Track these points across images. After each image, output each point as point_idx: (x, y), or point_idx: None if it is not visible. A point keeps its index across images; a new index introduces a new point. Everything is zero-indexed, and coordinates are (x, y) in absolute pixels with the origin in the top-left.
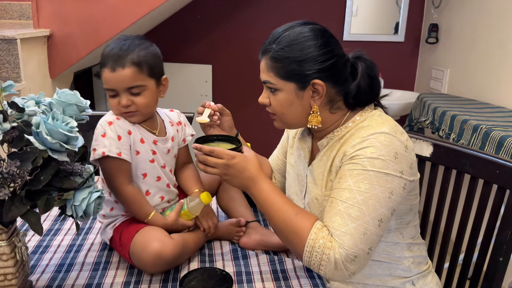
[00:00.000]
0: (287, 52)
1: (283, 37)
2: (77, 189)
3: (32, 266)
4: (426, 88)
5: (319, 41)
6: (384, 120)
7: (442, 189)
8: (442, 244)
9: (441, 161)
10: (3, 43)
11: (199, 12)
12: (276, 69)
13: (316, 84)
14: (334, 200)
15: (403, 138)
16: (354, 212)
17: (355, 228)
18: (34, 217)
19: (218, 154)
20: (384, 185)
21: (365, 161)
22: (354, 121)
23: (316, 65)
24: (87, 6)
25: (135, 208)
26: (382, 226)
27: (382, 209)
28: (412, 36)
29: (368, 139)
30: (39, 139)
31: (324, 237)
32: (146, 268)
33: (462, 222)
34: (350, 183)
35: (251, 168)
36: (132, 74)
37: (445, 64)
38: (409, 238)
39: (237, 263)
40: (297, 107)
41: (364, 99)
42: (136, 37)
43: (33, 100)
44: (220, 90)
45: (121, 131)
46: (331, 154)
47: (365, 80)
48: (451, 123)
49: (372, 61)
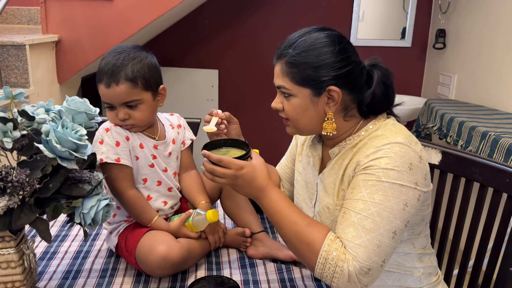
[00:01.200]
0: (304, 57)
1: (299, 42)
2: (86, 196)
3: (39, 272)
4: (433, 94)
5: (336, 47)
6: (398, 129)
7: (451, 197)
8: (451, 253)
9: (450, 169)
10: (12, 48)
11: (206, 17)
12: (291, 74)
13: (332, 90)
14: (347, 211)
15: (417, 149)
16: (368, 224)
17: (369, 241)
18: (43, 224)
19: (226, 164)
20: (398, 197)
21: (379, 172)
22: (367, 130)
23: (332, 71)
24: (96, 12)
25: (138, 213)
26: (396, 238)
27: (396, 221)
28: (419, 41)
29: (383, 149)
30: (49, 147)
31: (337, 249)
32: (153, 272)
33: (471, 231)
34: (364, 194)
35: (259, 178)
36: (126, 90)
37: (453, 70)
38: (420, 248)
39: (244, 271)
40: (312, 113)
41: (378, 108)
42: (131, 49)
43: (43, 108)
44: (227, 95)
45: (119, 137)
46: (343, 162)
47: (380, 88)
48: (459, 130)
49: (388, 69)
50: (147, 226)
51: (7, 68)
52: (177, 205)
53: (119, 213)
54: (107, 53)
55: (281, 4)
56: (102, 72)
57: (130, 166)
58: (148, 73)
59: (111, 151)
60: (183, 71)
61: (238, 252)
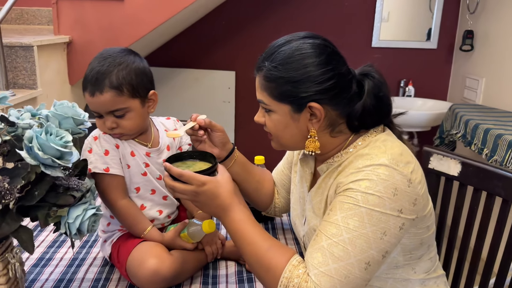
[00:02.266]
0: (281, 71)
1: (277, 54)
2: (72, 205)
3: (31, 280)
4: (459, 98)
5: (317, 59)
6: (387, 148)
7: (470, 212)
8: (469, 272)
9: (470, 182)
10: (20, 50)
11: (223, 18)
12: (269, 89)
13: (313, 107)
14: (320, 234)
15: (406, 171)
16: (337, 251)
17: (336, 270)
18: (26, 234)
19: (187, 179)
20: (376, 225)
21: (358, 196)
22: (356, 146)
23: (314, 86)
24: (107, 13)
25: (130, 223)
26: (369, 269)
27: (371, 251)
28: (445, 43)
29: (364, 171)
30: (32, 154)
31: (299, 276)
32: (143, 286)
33: (491, 250)
34: (338, 218)
35: (222, 195)
36: (111, 98)
37: (480, 73)
38: (423, 273)
39: (241, 286)
40: (293, 130)
41: (369, 121)
42: (118, 53)
43: (28, 113)
44: (243, 96)
45: (108, 145)
46: (328, 182)
47: (371, 101)
48: (484, 137)
49: (382, 79)
50: (140, 237)
51: (15, 69)
52: (175, 213)
53: (113, 222)
54: (94, 59)
55: (300, 4)
56: (87, 79)
57: (120, 175)
58: (135, 79)
59: (99, 161)
60: (200, 72)
61: (237, 265)
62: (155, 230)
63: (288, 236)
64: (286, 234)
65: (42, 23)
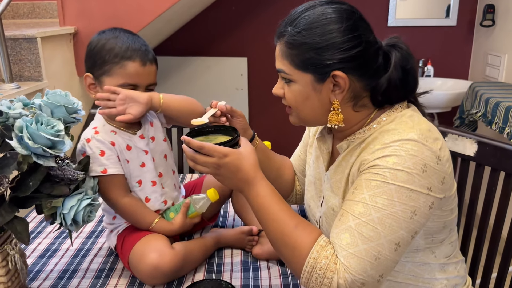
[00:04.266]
0: (305, 37)
1: (301, 19)
2: (67, 196)
3: (37, 271)
4: (481, 76)
5: (344, 24)
6: (415, 123)
7: (488, 193)
8: (488, 256)
9: (487, 161)
10: (24, 42)
11: (233, 3)
12: (291, 56)
13: (337, 76)
14: (345, 214)
15: (435, 147)
16: (367, 231)
17: (366, 251)
18: (21, 225)
19: (208, 151)
20: (406, 203)
21: (386, 172)
22: (380, 122)
23: (339, 53)
24: (111, 3)
25: (135, 219)
26: (399, 251)
27: (401, 231)
28: (465, 19)
29: (391, 146)
30: (23, 143)
31: (327, 257)
32: (144, 280)
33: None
34: (365, 196)
35: (246, 168)
36: (154, 71)
37: (503, 49)
38: (443, 258)
39: (246, 275)
40: (314, 102)
41: (394, 96)
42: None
43: (20, 103)
44: (256, 83)
45: (102, 146)
46: (350, 160)
47: (398, 74)
48: (505, 116)
49: (409, 51)
50: (148, 230)
51: (20, 62)
52: (180, 201)
53: (119, 216)
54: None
55: None
56: (133, 50)
57: (119, 173)
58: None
59: (95, 163)
60: (211, 60)
61: (242, 254)
62: (162, 221)
63: None
64: None
65: (54, 17)
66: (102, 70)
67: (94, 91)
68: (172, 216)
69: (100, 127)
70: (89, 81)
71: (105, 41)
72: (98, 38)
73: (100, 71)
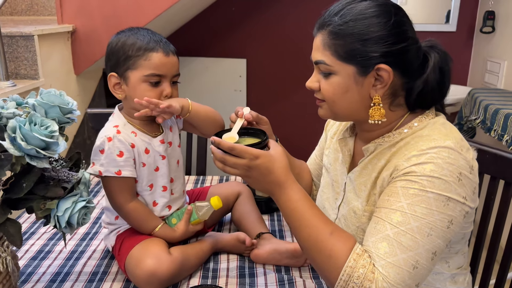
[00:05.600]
0: (351, 27)
1: (347, 10)
2: (62, 198)
3: (29, 273)
4: (480, 83)
5: (391, 18)
6: (449, 131)
7: (487, 201)
8: (486, 264)
9: (486, 170)
10: (21, 39)
11: (233, 4)
12: (334, 47)
13: (382, 69)
14: (381, 222)
15: (469, 157)
16: (406, 240)
17: (405, 260)
18: (13, 227)
19: (239, 152)
20: (444, 212)
21: (423, 180)
22: (411, 127)
23: (384, 47)
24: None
25: (138, 225)
26: (435, 259)
27: (438, 240)
28: (465, 25)
29: (428, 153)
30: (16, 144)
31: (364, 266)
32: (140, 286)
33: (510, 238)
34: (403, 204)
35: (277, 171)
36: (177, 61)
37: (502, 56)
38: (456, 268)
39: (242, 281)
40: (354, 96)
41: (429, 99)
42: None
43: (13, 102)
44: (255, 84)
45: (122, 146)
46: (378, 163)
47: (435, 75)
48: (504, 123)
49: (447, 53)
50: (150, 235)
51: (16, 60)
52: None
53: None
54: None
55: None
56: (156, 41)
57: (131, 177)
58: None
59: (111, 164)
60: (210, 61)
61: (238, 259)
62: (165, 227)
63: None
64: None
65: (52, 14)
66: (127, 65)
67: (119, 91)
68: (175, 222)
69: (122, 126)
70: (114, 81)
71: (125, 38)
72: (117, 37)
73: (124, 66)
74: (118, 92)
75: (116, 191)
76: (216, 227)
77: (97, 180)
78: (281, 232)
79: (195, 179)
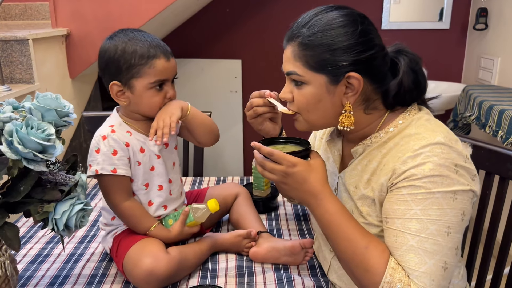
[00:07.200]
0: (320, 38)
1: (315, 21)
2: (59, 201)
3: (27, 277)
4: (474, 79)
5: (357, 27)
6: (435, 126)
7: (483, 197)
8: (483, 259)
9: (481, 165)
10: (16, 44)
11: (227, 5)
12: (305, 57)
13: (352, 77)
14: (401, 234)
15: (459, 148)
16: (430, 246)
17: (435, 265)
18: (11, 231)
19: (277, 158)
20: (455, 207)
21: (426, 183)
22: (397, 126)
23: (353, 55)
24: (104, 4)
25: (133, 224)
26: (458, 253)
27: (457, 235)
28: (458, 23)
29: (422, 153)
30: (13, 148)
31: (401, 280)
32: (138, 286)
33: (506, 234)
34: (416, 211)
35: (313, 181)
36: (176, 62)
37: (496, 53)
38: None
39: (240, 280)
40: (326, 105)
41: (408, 98)
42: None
43: (10, 106)
44: (250, 85)
45: (116, 145)
46: (369, 164)
47: (409, 77)
48: (498, 119)
49: (416, 54)
50: (145, 235)
51: (11, 64)
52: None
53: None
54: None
55: None
56: (156, 47)
57: (126, 175)
58: None
59: (107, 162)
60: (205, 62)
61: (237, 258)
62: (160, 227)
63: (292, 227)
64: (289, 225)
65: (46, 18)
66: (131, 74)
67: (123, 98)
68: (171, 223)
69: (117, 126)
70: (116, 89)
71: (123, 44)
72: (114, 44)
73: (128, 75)
74: (122, 99)
75: (112, 190)
76: (214, 228)
77: (94, 183)
78: (278, 231)
79: (192, 180)
